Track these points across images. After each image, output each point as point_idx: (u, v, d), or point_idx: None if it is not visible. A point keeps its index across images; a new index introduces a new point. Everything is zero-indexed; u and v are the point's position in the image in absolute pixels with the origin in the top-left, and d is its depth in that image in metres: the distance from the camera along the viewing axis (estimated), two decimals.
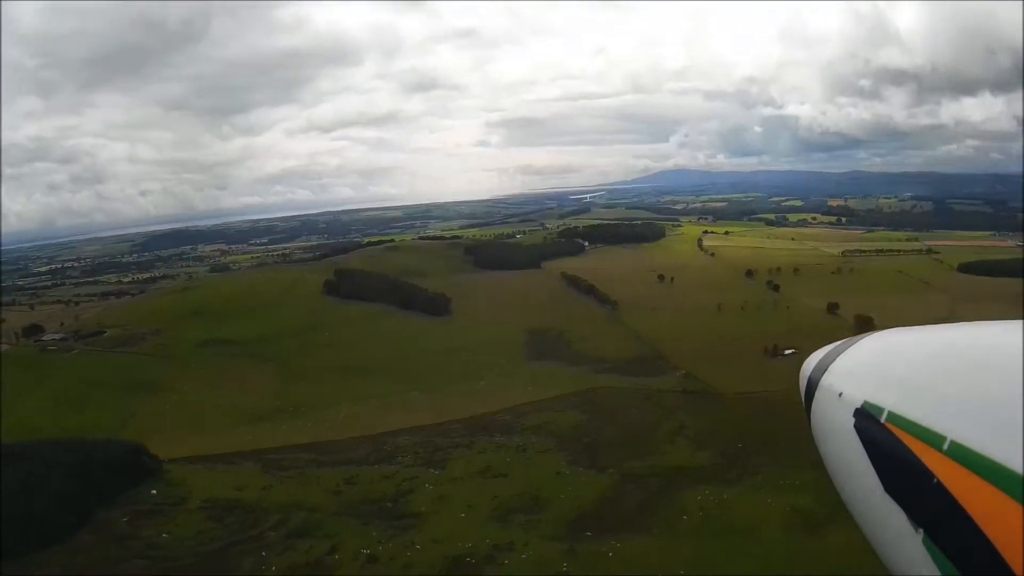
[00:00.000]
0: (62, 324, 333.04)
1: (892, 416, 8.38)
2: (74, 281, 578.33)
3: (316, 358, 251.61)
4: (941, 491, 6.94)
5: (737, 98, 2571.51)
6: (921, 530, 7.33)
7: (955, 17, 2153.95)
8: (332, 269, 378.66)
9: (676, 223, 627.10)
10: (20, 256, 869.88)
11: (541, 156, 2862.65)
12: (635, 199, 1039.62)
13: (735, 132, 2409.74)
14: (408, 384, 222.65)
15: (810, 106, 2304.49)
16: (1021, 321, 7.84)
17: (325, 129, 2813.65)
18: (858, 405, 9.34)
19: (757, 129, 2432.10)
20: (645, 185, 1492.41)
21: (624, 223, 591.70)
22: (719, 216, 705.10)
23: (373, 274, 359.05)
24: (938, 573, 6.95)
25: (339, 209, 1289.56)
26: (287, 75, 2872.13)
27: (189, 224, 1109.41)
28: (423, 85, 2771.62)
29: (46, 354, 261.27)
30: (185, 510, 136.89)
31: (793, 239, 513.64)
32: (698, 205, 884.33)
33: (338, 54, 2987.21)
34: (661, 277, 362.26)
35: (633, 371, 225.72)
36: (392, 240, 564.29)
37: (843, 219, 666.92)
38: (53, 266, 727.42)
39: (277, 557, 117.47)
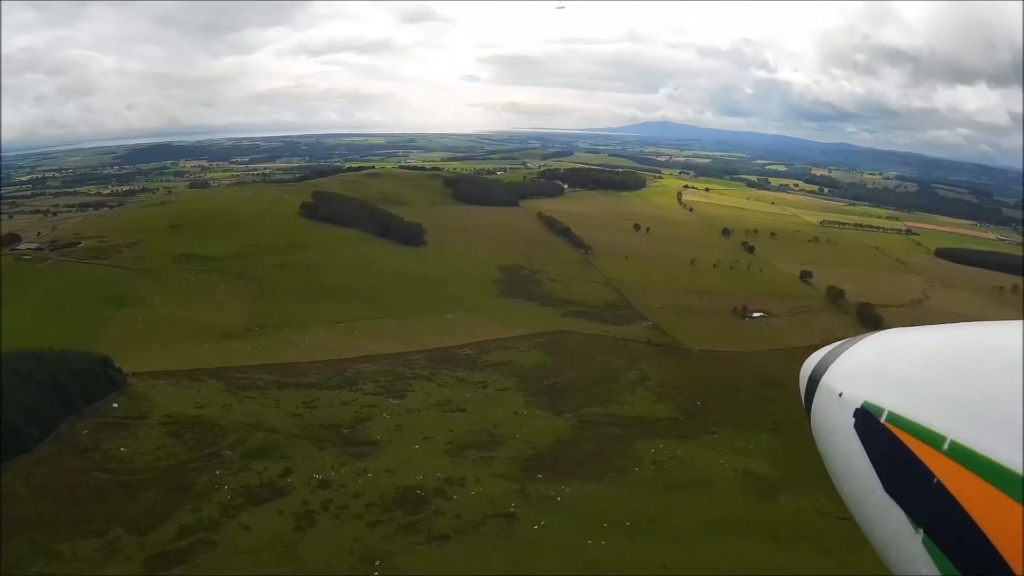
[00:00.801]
0: (39, 234, 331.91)
1: (892, 416, 8.61)
2: (54, 192, 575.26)
3: (288, 279, 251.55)
4: (941, 491, 7.17)
5: (731, 57, 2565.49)
6: (921, 530, 7.53)
7: (959, 5, 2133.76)
8: (311, 191, 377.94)
9: (658, 175, 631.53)
10: (3, 165, 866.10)
11: (529, 95, 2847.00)
12: (619, 147, 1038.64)
13: (726, 91, 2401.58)
14: (377, 311, 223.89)
15: (804, 74, 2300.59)
16: (1021, 321, 8.00)
17: (315, 52, 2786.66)
18: (858, 405, 9.55)
19: (748, 90, 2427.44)
20: (630, 134, 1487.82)
21: (605, 169, 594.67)
22: (701, 172, 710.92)
23: (351, 199, 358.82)
24: (938, 573, 7.16)
25: (322, 133, 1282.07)
26: None
27: (173, 139, 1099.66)
28: (417, 15, 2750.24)
29: (21, 264, 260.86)
30: (146, 424, 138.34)
31: (773, 203, 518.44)
32: (681, 159, 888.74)
33: None
34: (637, 226, 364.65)
35: (601, 317, 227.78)
36: (373, 167, 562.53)
37: (825, 189, 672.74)
38: (34, 176, 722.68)
39: (232, 476, 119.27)
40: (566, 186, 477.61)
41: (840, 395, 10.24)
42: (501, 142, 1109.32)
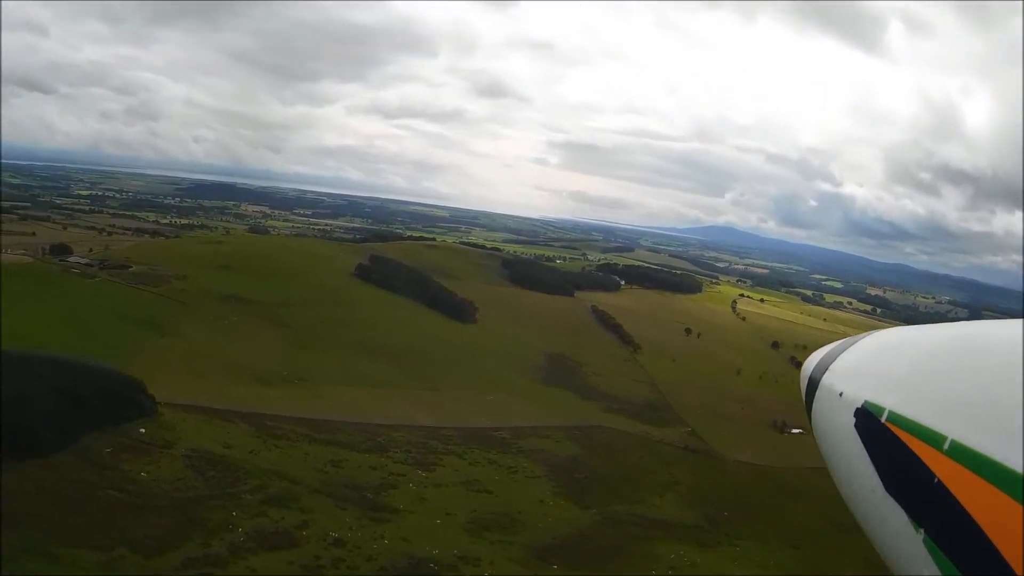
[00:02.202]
0: (91, 250, 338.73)
1: (893, 416, 8.78)
2: (112, 211, 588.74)
3: (331, 335, 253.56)
4: (942, 491, 7.28)
5: (798, 167, 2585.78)
6: (922, 530, 7.69)
7: None
8: (368, 253, 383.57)
9: (715, 280, 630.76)
10: (62, 175, 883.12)
11: (595, 185, 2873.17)
12: (680, 248, 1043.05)
13: (790, 201, 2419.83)
14: (417, 381, 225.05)
15: (867, 189, 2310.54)
16: (1021, 321, 8.16)
17: (388, 114, 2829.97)
18: (859, 405, 9.76)
19: (812, 203, 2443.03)
20: (693, 236, 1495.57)
21: (664, 269, 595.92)
22: (759, 281, 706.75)
23: (406, 267, 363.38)
24: (938, 573, 7.29)
25: (387, 197, 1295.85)
26: (359, 52, 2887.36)
27: (237, 180, 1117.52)
28: (492, 90, 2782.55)
29: (68, 275, 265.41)
30: (170, 454, 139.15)
31: (825, 320, 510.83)
32: (740, 267, 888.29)
33: (413, 40, 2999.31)
34: (688, 330, 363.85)
35: (640, 416, 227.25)
36: (433, 239, 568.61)
37: (878, 310, 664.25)
38: (94, 192, 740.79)
39: (247, 519, 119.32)
40: (623, 282, 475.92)
41: (841, 395, 10.68)
42: (564, 229, 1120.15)
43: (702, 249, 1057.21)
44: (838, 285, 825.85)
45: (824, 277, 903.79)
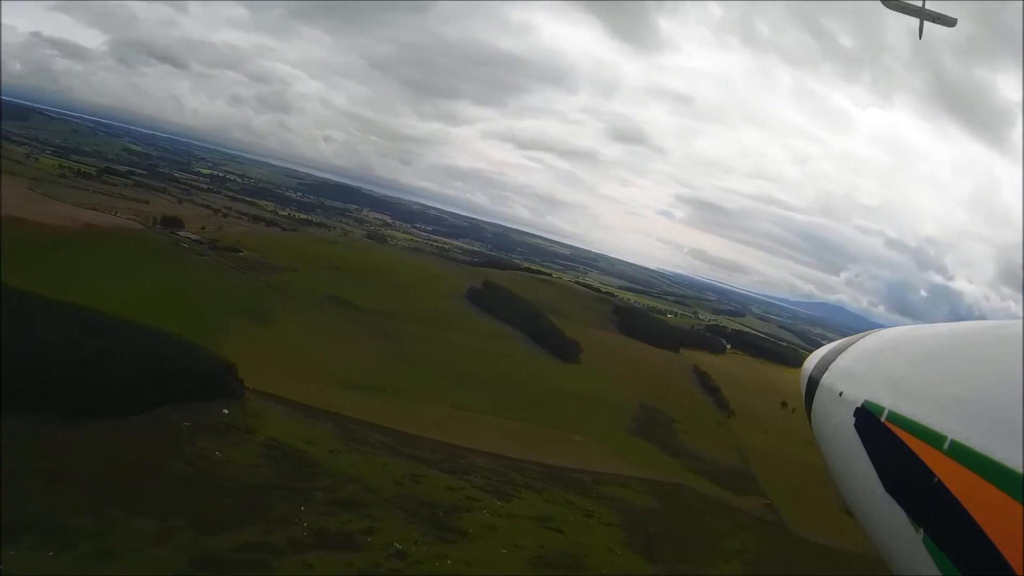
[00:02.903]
0: (203, 228, 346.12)
1: (892, 415, 8.90)
2: (231, 194, 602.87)
3: (431, 352, 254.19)
4: (941, 490, 7.39)
5: (914, 254, 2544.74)
6: (922, 529, 7.80)
7: None
8: (482, 278, 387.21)
9: None
10: (185, 151, 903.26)
11: (716, 244, 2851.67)
12: (789, 319, 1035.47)
13: (902, 288, 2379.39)
14: (508, 411, 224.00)
15: (976, 287, 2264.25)
16: (1020, 321, 8.34)
17: (521, 144, 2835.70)
18: (859, 404, 9.89)
19: (923, 293, 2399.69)
20: (804, 311, 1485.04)
21: (771, 339, 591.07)
22: None
23: (518, 298, 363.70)
24: (939, 572, 7.41)
25: (510, 225, 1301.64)
26: (499, 77, 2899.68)
27: (362, 184, 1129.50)
28: (627, 135, 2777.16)
29: (175, 249, 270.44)
30: (249, 440, 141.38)
31: None
32: None
33: (555, 75, 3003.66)
34: (785, 404, 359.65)
35: (722, 480, 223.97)
36: (550, 274, 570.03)
37: None
38: (215, 172, 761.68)
39: (314, 516, 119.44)
40: (729, 345, 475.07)
41: (840, 394, 10.81)
42: (680, 284, 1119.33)
43: (810, 324, 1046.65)
44: None
45: None
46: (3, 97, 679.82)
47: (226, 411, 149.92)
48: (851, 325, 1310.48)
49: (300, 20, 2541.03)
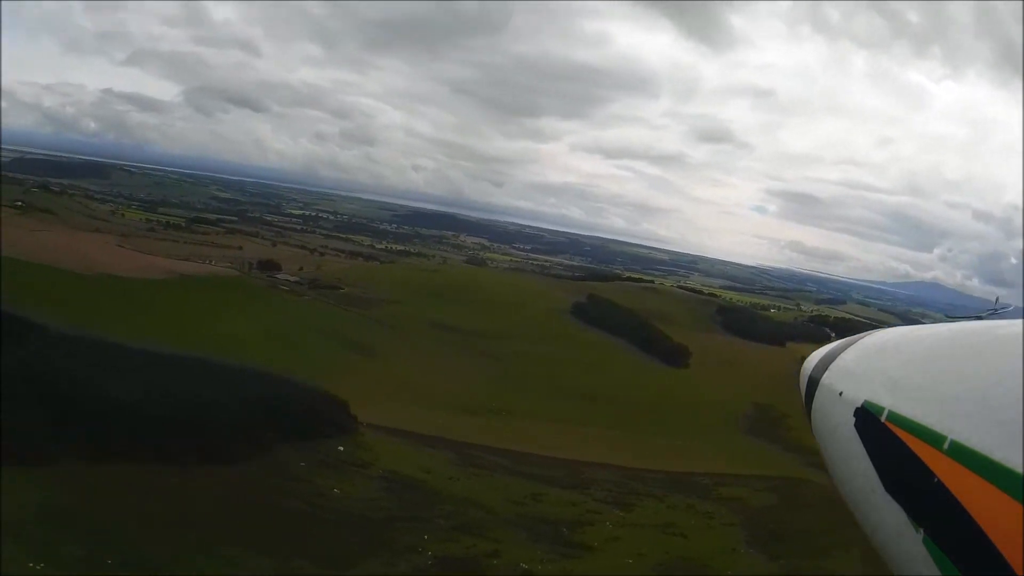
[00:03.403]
0: (301, 269, 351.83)
1: (892, 415, 8.86)
2: (325, 232, 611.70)
3: (541, 371, 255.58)
4: (942, 490, 7.35)
5: (1001, 224, 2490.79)
6: (922, 529, 7.77)
7: None
8: (586, 292, 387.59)
9: None
10: (275, 193, 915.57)
11: (812, 236, 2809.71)
12: (889, 303, 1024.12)
13: (992, 259, 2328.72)
14: (622, 422, 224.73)
15: None
16: (1021, 320, 8.34)
17: (610, 154, 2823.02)
18: (859, 404, 9.87)
19: (1013, 261, 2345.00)
20: (901, 291, 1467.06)
21: (873, 324, 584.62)
22: None
23: (623, 308, 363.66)
24: (939, 573, 7.39)
25: (608, 237, 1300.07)
26: (580, 90, 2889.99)
27: (456, 210, 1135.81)
28: (712, 135, 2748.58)
29: (276, 292, 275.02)
30: (365, 474, 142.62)
31: None
32: None
33: (634, 82, 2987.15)
34: None
35: None
36: (652, 281, 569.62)
37: None
38: (306, 212, 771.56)
39: (436, 544, 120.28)
40: (833, 335, 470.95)
41: (840, 394, 10.80)
42: (780, 279, 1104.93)
43: (909, 305, 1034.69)
44: None
45: None
46: (83, 156, 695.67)
47: (341, 447, 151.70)
48: (948, 301, 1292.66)
49: (376, 53, 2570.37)
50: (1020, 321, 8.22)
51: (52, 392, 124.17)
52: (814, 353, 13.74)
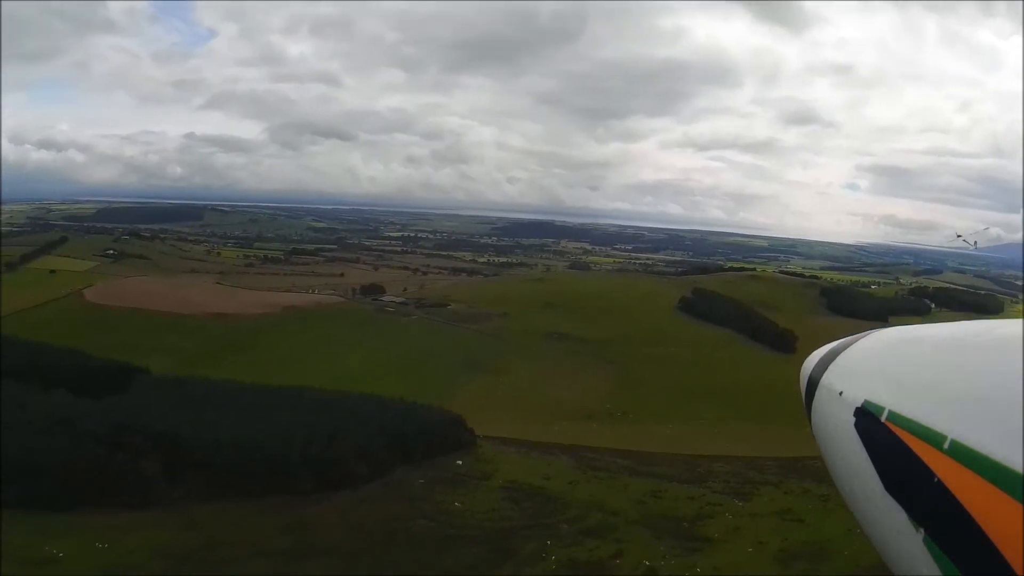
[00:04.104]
0: (405, 289, 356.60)
1: (893, 415, 8.96)
2: (425, 252, 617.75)
3: (654, 370, 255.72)
4: (942, 490, 7.45)
5: None
6: (922, 529, 7.90)
7: None
8: (690, 287, 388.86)
9: (1015, 300, 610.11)
10: (371, 218, 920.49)
11: (904, 208, 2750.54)
12: (983, 268, 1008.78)
13: None
14: (736, 413, 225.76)
15: None
16: (1021, 320, 8.44)
17: (701, 147, 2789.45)
18: (859, 404, 9.98)
19: None
20: (995, 255, 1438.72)
21: (970, 291, 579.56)
22: None
23: (729, 299, 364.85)
24: (939, 572, 7.51)
25: (706, 229, 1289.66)
26: (664, 87, 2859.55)
27: (555, 217, 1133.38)
28: (799, 117, 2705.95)
29: (383, 315, 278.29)
30: (486, 487, 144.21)
31: None
32: None
33: (717, 73, 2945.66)
34: None
35: None
36: (754, 269, 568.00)
37: None
38: (405, 234, 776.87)
39: (561, 549, 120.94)
40: (933, 304, 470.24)
41: (840, 394, 10.92)
42: (877, 254, 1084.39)
43: (1003, 268, 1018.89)
44: None
45: None
46: (172, 201, 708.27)
47: (460, 462, 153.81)
48: None
49: (458, 73, 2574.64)
50: (1020, 321, 8.41)
51: (165, 436, 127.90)
52: (814, 353, 14.04)
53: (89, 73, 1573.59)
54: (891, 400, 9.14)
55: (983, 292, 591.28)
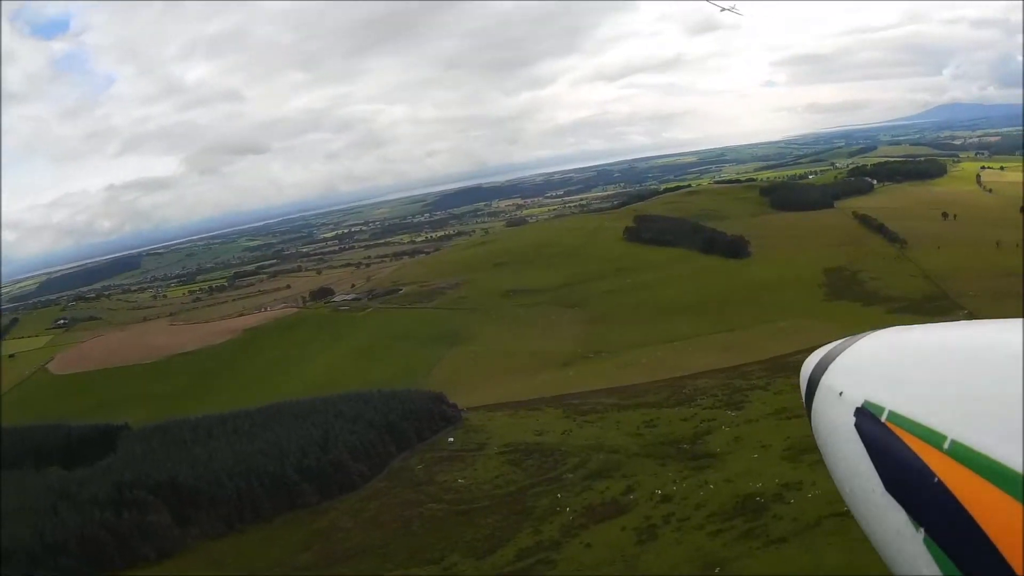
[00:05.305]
0: (353, 286, 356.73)
1: (893, 415, 8.65)
2: (363, 244, 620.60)
3: (618, 303, 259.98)
4: (942, 490, 7.26)
5: (1000, 26, 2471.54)
6: (922, 529, 7.63)
7: None
8: (632, 216, 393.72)
9: (956, 159, 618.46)
10: (303, 224, 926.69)
11: (827, 93, 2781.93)
12: (917, 135, 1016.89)
13: (1002, 62, 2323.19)
14: (710, 326, 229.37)
15: None
16: (1021, 320, 8.16)
17: (612, 77, 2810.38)
18: (859, 404, 9.58)
19: (1019, 58, 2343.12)
20: (926, 120, 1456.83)
21: (909, 160, 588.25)
22: (995, 150, 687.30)
23: (673, 219, 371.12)
24: (939, 572, 7.30)
25: (633, 158, 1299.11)
26: (565, 24, 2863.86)
27: (482, 181, 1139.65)
28: (703, 25, 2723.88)
29: (339, 314, 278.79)
30: (484, 455, 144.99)
31: None
32: (974, 140, 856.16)
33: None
34: (945, 214, 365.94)
35: (922, 309, 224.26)
36: (689, 185, 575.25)
37: None
38: (339, 231, 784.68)
39: (574, 498, 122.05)
40: (875, 181, 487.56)
41: (840, 394, 10.47)
42: (808, 144, 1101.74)
43: (936, 131, 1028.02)
44: None
45: None
46: (109, 256, 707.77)
47: (451, 439, 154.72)
48: (971, 116, 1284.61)
49: (359, 58, 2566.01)
50: (1020, 321, 8.11)
51: (164, 484, 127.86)
52: (814, 353, 12.64)
53: (3, 149, 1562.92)
54: (891, 400, 8.82)
55: (922, 159, 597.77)
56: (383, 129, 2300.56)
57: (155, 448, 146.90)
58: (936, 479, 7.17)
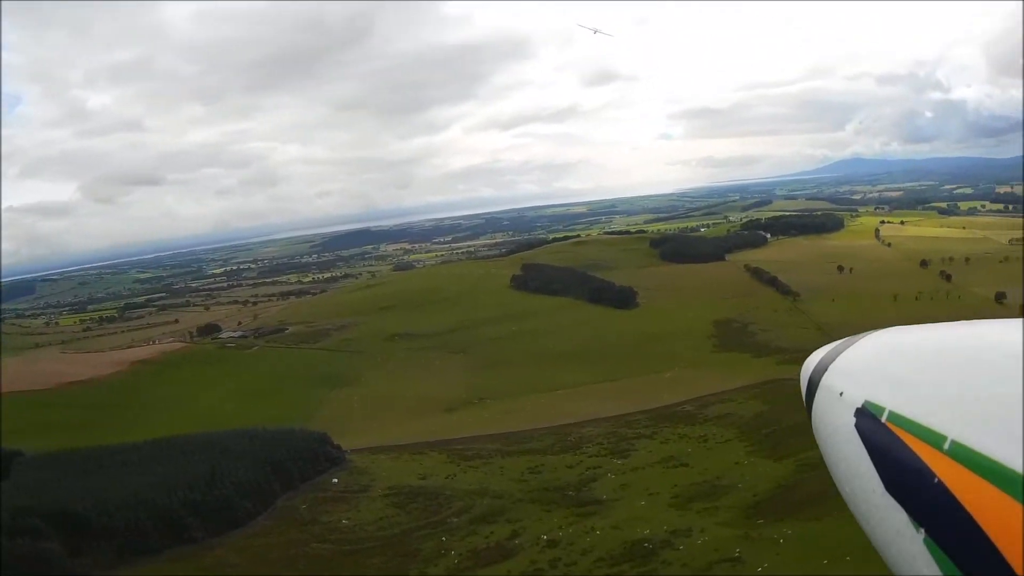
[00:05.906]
0: (239, 323, 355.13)
1: (893, 415, 8.68)
2: (251, 282, 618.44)
3: (504, 349, 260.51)
4: (942, 490, 7.27)
5: (907, 82, 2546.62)
6: (922, 529, 7.64)
7: None
8: (519, 264, 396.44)
9: (855, 213, 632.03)
10: (193, 259, 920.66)
11: (723, 146, 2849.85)
12: (815, 189, 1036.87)
13: (908, 118, 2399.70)
14: (596, 375, 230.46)
15: (975, 88, 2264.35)
16: (1021, 320, 8.19)
17: (505, 125, 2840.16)
18: (859, 404, 9.62)
19: (928, 114, 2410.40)
20: (824, 175, 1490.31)
21: (805, 214, 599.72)
22: (895, 205, 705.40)
23: (560, 268, 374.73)
24: (939, 573, 7.30)
25: (523, 206, 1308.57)
26: (461, 71, 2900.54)
27: (371, 224, 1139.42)
28: (600, 77, 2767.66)
29: (226, 351, 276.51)
30: (368, 497, 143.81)
31: (964, 227, 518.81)
32: (875, 195, 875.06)
33: (511, 48, 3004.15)
34: (841, 268, 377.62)
35: None
36: (578, 235, 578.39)
37: (1010, 206, 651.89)
38: (228, 268, 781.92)
39: (458, 541, 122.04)
40: (769, 235, 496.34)
41: (841, 394, 10.50)
42: (701, 197, 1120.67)
43: (835, 186, 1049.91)
44: (969, 191, 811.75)
45: (954, 186, 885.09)
46: (5, 279, 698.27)
47: (335, 480, 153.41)
48: (873, 171, 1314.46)
49: (257, 95, 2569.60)
50: (1020, 321, 8.16)
51: (57, 513, 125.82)
52: (814, 353, 12.38)
53: None
54: (891, 400, 8.88)
55: (819, 213, 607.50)
56: (277, 167, 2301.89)
57: (47, 477, 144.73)
58: (936, 479, 7.30)
